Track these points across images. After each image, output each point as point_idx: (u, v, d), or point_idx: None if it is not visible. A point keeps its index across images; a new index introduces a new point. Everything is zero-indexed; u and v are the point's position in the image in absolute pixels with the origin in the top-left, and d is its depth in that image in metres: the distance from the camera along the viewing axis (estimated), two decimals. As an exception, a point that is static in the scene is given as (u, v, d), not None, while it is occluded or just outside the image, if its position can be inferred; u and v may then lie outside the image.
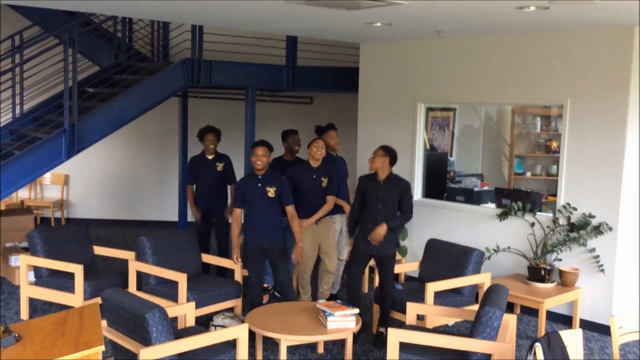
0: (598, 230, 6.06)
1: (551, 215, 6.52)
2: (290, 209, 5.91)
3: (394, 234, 5.74)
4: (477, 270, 5.97)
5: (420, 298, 5.62)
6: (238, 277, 6.16)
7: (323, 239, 6.41)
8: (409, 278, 7.23)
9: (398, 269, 6.45)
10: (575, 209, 6.28)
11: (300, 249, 5.97)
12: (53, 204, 10.20)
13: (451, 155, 9.17)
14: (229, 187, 7.32)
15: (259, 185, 5.84)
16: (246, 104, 8.60)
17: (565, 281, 6.20)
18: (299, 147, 7.11)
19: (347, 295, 5.89)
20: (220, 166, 7.20)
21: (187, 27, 8.32)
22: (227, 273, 6.64)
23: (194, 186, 7.26)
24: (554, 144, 8.55)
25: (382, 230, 5.56)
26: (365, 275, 7.04)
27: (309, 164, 6.35)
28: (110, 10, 6.76)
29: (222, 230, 7.22)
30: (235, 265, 6.15)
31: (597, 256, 6.11)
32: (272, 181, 5.86)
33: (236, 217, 5.98)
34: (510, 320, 4.75)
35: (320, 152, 6.28)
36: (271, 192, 5.82)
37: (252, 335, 5.12)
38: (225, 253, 7.10)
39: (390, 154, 5.68)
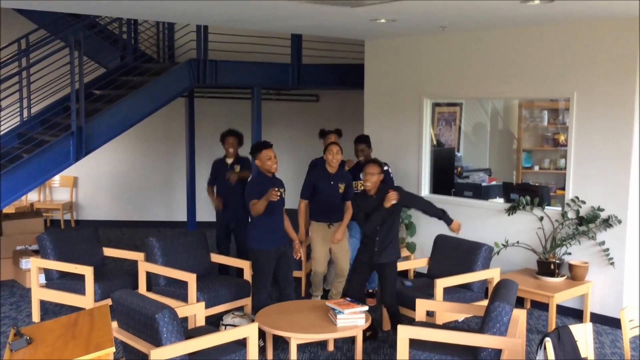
0: (607, 223, 6.03)
1: (560, 209, 6.49)
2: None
3: (393, 243, 5.64)
4: (486, 266, 5.96)
5: (429, 294, 5.62)
6: (247, 276, 6.17)
7: (333, 242, 6.40)
8: (418, 274, 7.24)
9: (407, 265, 6.47)
10: (584, 202, 6.25)
11: (298, 246, 6.02)
12: (62, 206, 10.25)
13: (458, 151, 9.15)
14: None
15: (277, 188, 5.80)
16: (252, 103, 8.61)
17: (575, 275, 6.17)
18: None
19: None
20: (237, 170, 7.12)
21: (192, 27, 8.34)
22: (235, 273, 6.65)
23: (215, 187, 7.26)
24: (562, 138, 8.51)
25: (457, 225, 5.76)
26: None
27: (327, 170, 6.32)
28: (116, 12, 6.78)
29: (241, 234, 7.06)
30: (244, 265, 6.17)
31: (607, 249, 6.09)
32: (281, 183, 5.83)
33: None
34: (520, 315, 4.74)
35: (336, 158, 6.25)
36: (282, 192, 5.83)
37: (262, 334, 5.14)
38: (244, 255, 6.87)
39: (382, 168, 5.66)
